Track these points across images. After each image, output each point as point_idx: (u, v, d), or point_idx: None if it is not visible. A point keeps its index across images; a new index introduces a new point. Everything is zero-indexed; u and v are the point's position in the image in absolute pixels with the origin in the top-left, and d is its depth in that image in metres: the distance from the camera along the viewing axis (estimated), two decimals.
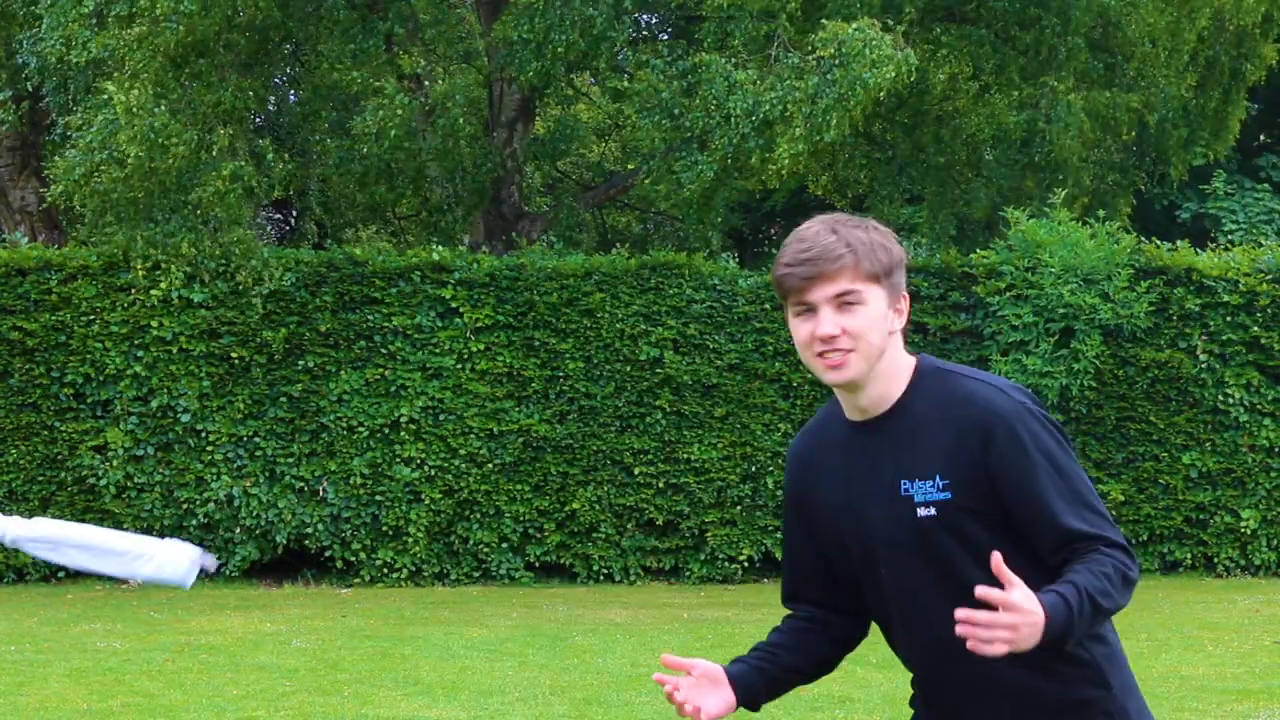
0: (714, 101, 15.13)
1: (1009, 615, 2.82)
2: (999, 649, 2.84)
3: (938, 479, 3.05)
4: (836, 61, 14.49)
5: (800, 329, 3.09)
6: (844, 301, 3.04)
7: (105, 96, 14.38)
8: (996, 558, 2.85)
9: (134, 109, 13.97)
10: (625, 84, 17.55)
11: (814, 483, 3.24)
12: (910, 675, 3.28)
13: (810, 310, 3.07)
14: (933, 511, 3.05)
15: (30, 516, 5.12)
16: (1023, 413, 3.05)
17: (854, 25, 14.73)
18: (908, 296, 3.14)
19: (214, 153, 14.41)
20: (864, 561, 3.17)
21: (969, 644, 2.85)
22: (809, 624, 3.33)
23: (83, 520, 15.10)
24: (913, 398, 3.12)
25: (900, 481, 3.09)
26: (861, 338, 3.05)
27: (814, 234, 3.07)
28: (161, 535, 15.13)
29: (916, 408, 3.11)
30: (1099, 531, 3.02)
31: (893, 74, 14.45)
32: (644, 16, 18.88)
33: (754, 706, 3.30)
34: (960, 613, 2.84)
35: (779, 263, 3.10)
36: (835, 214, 3.15)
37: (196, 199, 14.45)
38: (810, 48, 15.02)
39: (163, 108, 14.14)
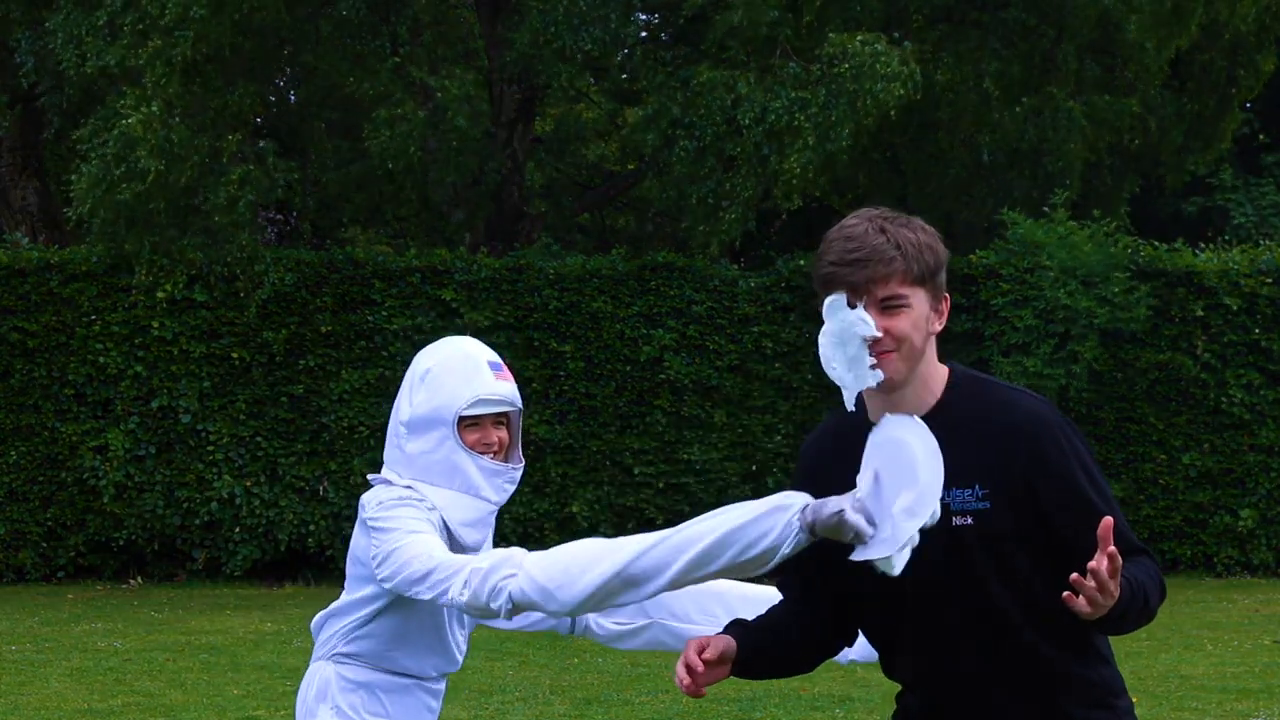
0: (720, 112, 15.15)
1: (1110, 580, 2.80)
2: (1083, 606, 2.81)
3: (976, 488, 2.98)
4: (849, 75, 14.48)
5: None
6: (888, 305, 2.97)
7: (118, 109, 14.36)
8: (1108, 521, 2.80)
9: (151, 123, 13.99)
10: (628, 84, 17.54)
11: (832, 486, 3.11)
12: (899, 689, 3.22)
13: None
14: (969, 521, 2.97)
15: (36, 514, 4.71)
16: (1064, 425, 3.02)
17: (859, 37, 14.74)
18: (948, 298, 3.06)
19: (224, 159, 14.43)
20: (882, 577, 3.05)
21: (1065, 595, 2.80)
22: (808, 615, 3.24)
23: (83, 520, 15.12)
24: (950, 404, 3.04)
25: None
26: (905, 341, 2.97)
27: (862, 232, 2.98)
28: (163, 535, 15.19)
29: (954, 414, 3.03)
30: (1143, 545, 3.01)
31: (901, 91, 14.47)
32: (645, 16, 18.86)
33: (742, 672, 3.21)
34: (1074, 577, 2.79)
35: (822, 259, 3.01)
36: (879, 209, 3.06)
37: (210, 206, 14.44)
38: (815, 57, 15.03)
39: (176, 118, 14.15)
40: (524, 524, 15.46)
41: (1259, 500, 15.95)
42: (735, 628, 3.21)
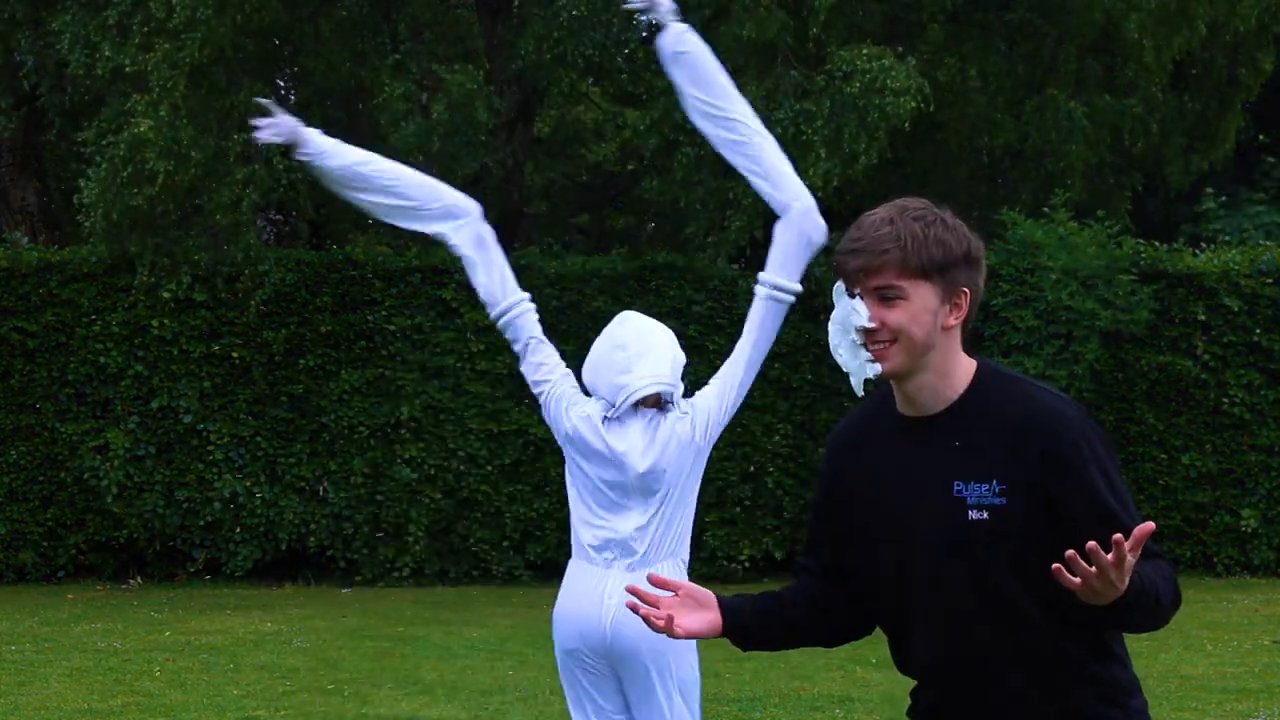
0: None
1: (1112, 569, 2.78)
2: (1074, 584, 2.81)
3: (994, 483, 2.99)
4: (858, 92, 14.48)
5: None
6: (883, 295, 3.01)
7: (125, 112, 14.35)
8: (1148, 527, 2.80)
9: (161, 127, 13.99)
10: (629, 86, 17.52)
11: (855, 473, 3.17)
12: (912, 685, 3.24)
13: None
14: (985, 515, 2.99)
15: (36, 514, 5.08)
16: (1085, 426, 3.02)
17: (865, 51, 14.74)
18: (970, 292, 3.06)
19: (231, 159, 14.42)
20: (897, 563, 3.09)
21: (1054, 567, 2.80)
22: (821, 596, 3.27)
23: (83, 520, 15.13)
24: (973, 399, 3.06)
25: (954, 482, 3.02)
26: (902, 332, 3.00)
27: (871, 223, 3.04)
28: (163, 535, 15.20)
29: (977, 409, 3.05)
30: (1158, 550, 3.02)
31: (912, 104, 14.49)
32: (645, 17, 18.83)
33: (741, 641, 3.24)
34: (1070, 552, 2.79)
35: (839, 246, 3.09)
36: (907, 200, 3.09)
37: (214, 206, 14.42)
38: (819, 68, 15.02)
39: (183, 119, 14.15)
40: (524, 523, 15.46)
41: (1259, 500, 15.95)
42: (734, 598, 3.24)
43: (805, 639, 3.32)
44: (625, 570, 4.96)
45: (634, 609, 3.11)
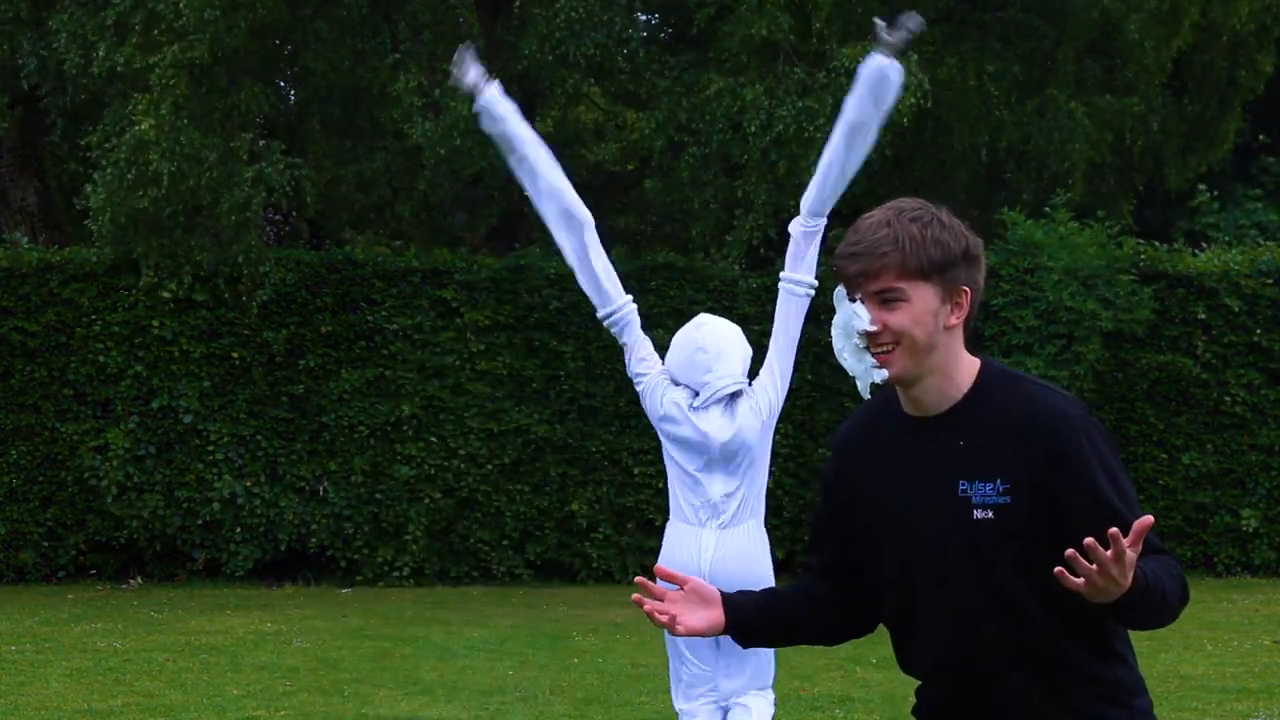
0: (725, 119, 15.13)
1: (1113, 565, 2.77)
2: (1078, 584, 2.80)
3: (999, 483, 3.00)
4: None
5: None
6: (884, 298, 3.01)
7: (129, 113, 14.33)
8: (1147, 520, 2.80)
9: (163, 127, 13.97)
10: (630, 86, 17.50)
11: (859, 474, 3.18)
12: (913, 684, 3.24)
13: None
14: (990, 515, 3.00)
15: (36, 514, 5.17)
16: (1088, 425, 3.02)
17: (867, 50, 14.73)
18: (970, 291, 3.06)
19: (244, 157, 14.41)
20: (902, 563, 3.10)
21: (1056, 570, 2.80)
22: (823, 595, 3.28)
23: (83, 520, 15.13)
24: (977, 398, 3.07)
25: (959, 482, 3.03)
26: (904, 335, 3.01)
27: (868, 226, 3.04)
28: (163, 535, 15.18)
29: (981, 409, 3.05)
30: (1163, 546, 3.02)
31: (913, 100, 14.49)
32: (645, 16, 18.82)
33: (743, 638, 3.25)
34: (1070, 552, 2.78)
35: (836, 250, 3.09)
36: (903, 201, 3.09)
37: (224, 207, 14.39)
38: (820, 65, 15.01)
39: (185, 120, 14.12)
40: (524, 522, 15.46)
41: (1260, 500, 15.95)
42: (737, 594, 3.25)
43: (806, 637, 3.33)
44: (717, 529, 5.93)
45: (639, 603, 3.12)
